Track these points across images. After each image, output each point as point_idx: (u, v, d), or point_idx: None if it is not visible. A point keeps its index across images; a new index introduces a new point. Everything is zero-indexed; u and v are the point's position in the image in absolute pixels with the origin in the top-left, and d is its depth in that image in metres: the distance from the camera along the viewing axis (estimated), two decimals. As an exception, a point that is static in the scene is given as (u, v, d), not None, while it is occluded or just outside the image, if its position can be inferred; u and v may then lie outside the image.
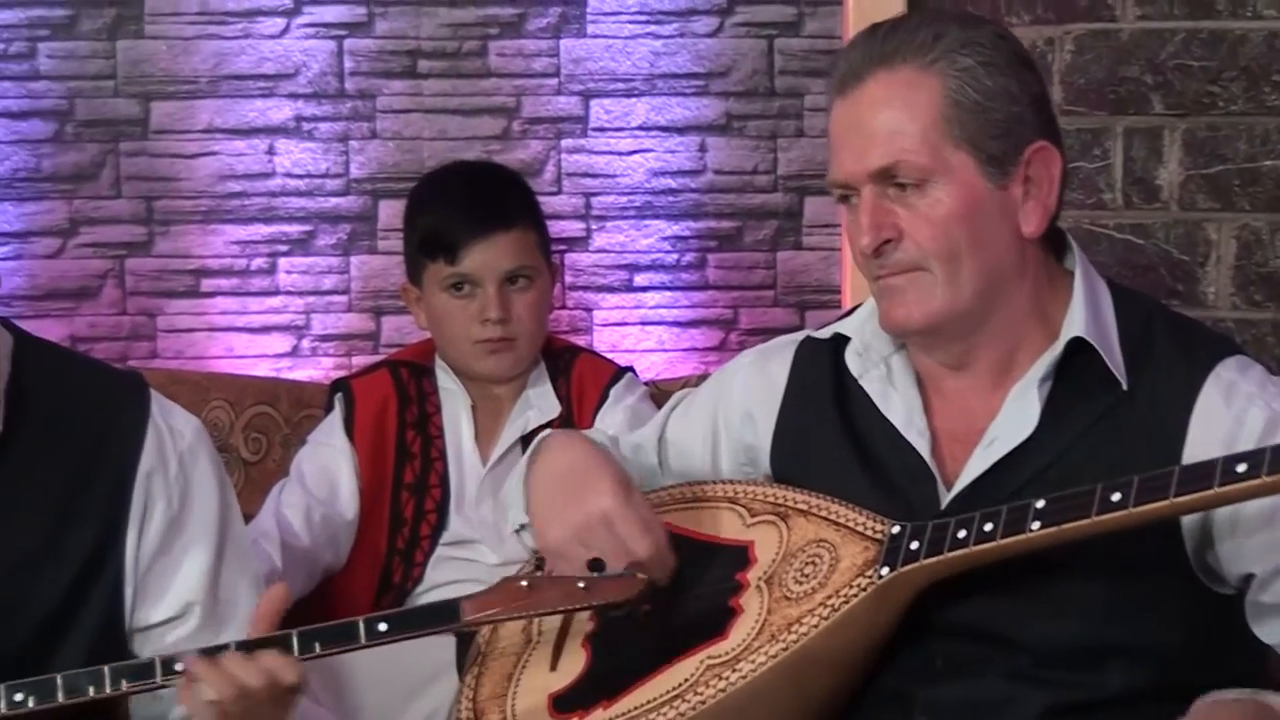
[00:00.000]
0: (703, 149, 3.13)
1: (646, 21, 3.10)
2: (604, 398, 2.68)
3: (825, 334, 2.02)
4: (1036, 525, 1.73)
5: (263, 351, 3.08)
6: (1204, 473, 1.67)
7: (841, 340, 2.00)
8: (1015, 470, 1.84)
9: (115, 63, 3.03)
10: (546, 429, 2.60)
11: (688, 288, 3.14)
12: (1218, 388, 1.83)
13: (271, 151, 3.07)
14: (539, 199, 2.76)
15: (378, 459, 2.64)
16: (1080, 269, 1.91)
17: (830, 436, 1.96)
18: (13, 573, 1.86)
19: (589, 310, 3.13)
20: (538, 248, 2.67)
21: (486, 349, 2.63)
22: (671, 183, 3.13)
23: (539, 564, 1.99)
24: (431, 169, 2.92)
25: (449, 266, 2.62)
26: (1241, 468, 1.65)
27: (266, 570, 2.44)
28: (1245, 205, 2.93)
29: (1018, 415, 1.86)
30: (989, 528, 1.75)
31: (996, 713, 1.82)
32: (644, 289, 3.14)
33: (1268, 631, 1.85)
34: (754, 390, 2.05)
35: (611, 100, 3.11)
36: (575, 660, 1.95)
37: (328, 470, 2.63)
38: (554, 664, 1.96)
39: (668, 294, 3.14)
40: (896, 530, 1.82)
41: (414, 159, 3.08)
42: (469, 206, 2.64)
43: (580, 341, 3.00)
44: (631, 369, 2.77)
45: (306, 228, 3.09)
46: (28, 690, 1.80)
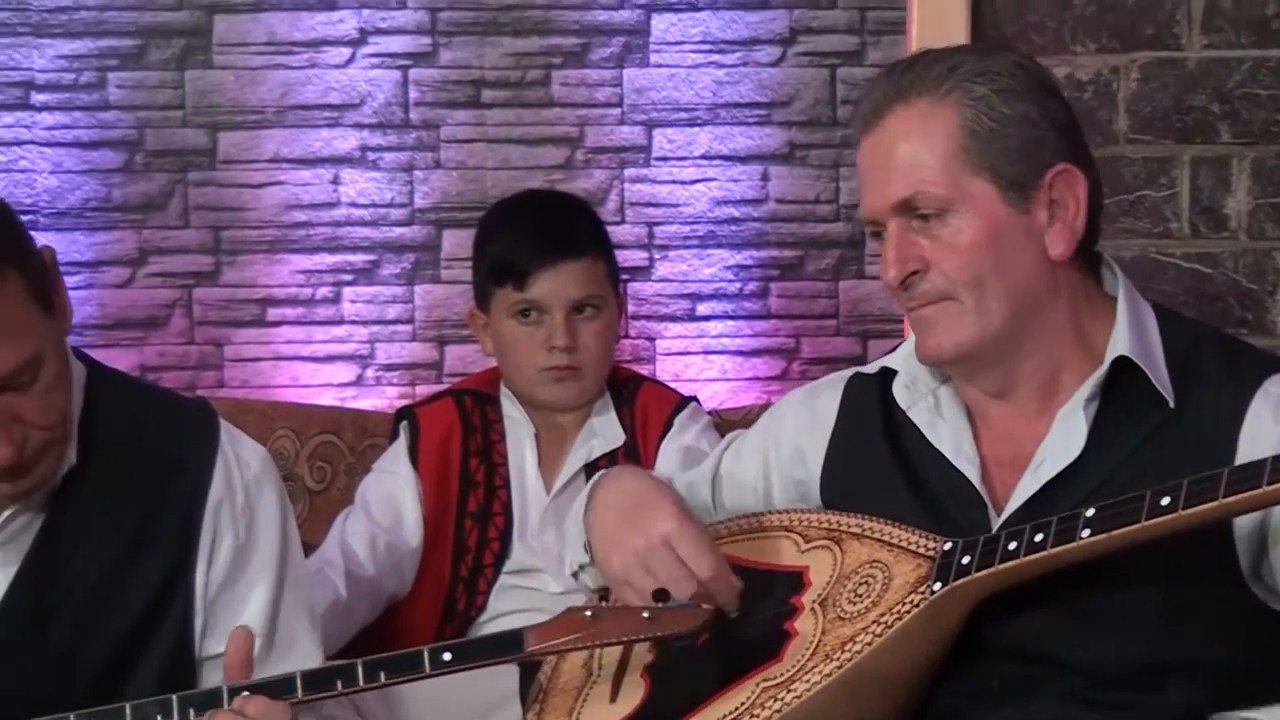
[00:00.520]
0: (765, 178, 3.13)
1: (709, 51, 3.11)
2: (668, 427, 2.67)
3: (872, 369, 2.03)
4: (1087, 533, 1.72)
5: (327, 381, 3.10)
6: (1253, 472, 1.67)
7: (889, 374, 2.00)
8: (1065, 491, 1.84)
9: (184, 93, 3.06)
10: (610, 458, 2.61)
11: (750, 317, 3.14)
12: (1266, 403, 1.82)
13: (336, 181, 3.09)
14: (605, 229, 2.77)
15: (442, 487, 2.64)
16: (1123, 291, 1.91)
17: (881, 467, 1.96)
18: (89, 602, 1.88)
19: (652, 339, 3.14)
20: (606, 277, 2.67)
21: (552, 377, 2.64)
22: (734, 212, 3.13)
23: (604, 598, 1.99)
24: (496, 198, 2.94)
25: (517, 292, 2.63)
26: None
27: (331, 599, 2.46)
28: (1314, 234, 2.93)
29: (1065, 437, 1.86)
30: (1039, 538, 1.75)
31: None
32: (706, 318, 3.14)
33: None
34: (803, 427, 2.07)
35: (674, 130, 3.12)
36: (635, 691, 1.95)
37: (392, 498, 2.63)
38: (614, 695, 1.96)
39: (730, 323, 3.14)
40: (948, 546, 1.82)
41: (478, 189, 3.09)
42: (539, 234, 2.65)
43: (643, 371, 3.00)
44: (695, 398, 2.77)
45: (371, 257, 3.11)
46: (97, 720, 1.81)
